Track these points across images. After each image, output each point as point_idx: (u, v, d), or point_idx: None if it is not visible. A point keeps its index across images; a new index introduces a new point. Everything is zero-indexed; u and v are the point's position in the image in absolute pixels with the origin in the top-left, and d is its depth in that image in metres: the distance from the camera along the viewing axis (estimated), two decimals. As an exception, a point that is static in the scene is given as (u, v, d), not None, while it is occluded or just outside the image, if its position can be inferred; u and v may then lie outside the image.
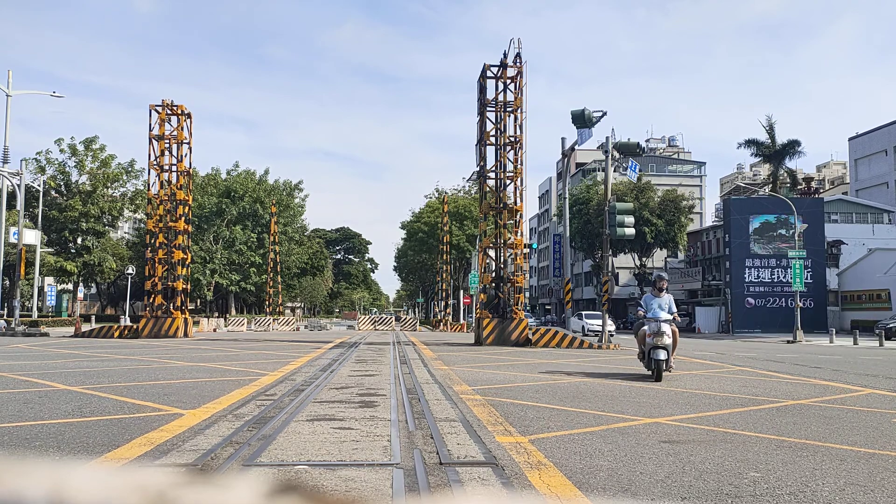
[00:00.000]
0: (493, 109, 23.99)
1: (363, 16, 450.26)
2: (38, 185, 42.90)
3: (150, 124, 28.61)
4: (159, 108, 28.67)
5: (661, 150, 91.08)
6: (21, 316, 34.46)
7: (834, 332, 34.11)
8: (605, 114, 23.34)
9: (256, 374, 10.99)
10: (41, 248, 42.17)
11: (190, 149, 29.42)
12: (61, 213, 52.27)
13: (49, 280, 57.37)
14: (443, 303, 56.35)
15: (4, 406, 7.26)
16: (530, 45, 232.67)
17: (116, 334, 27.32)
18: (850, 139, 65.66)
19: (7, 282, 48.78)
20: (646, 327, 10.89)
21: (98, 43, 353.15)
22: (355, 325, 47.55)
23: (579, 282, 76.34)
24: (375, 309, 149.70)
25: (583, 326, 37.78)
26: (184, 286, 29.04)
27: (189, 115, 29.34)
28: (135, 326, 28.24)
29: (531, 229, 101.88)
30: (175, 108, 28.99)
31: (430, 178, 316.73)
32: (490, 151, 24.08)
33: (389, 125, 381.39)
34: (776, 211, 47.96)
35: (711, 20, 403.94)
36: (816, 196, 60.92)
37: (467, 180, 70.96)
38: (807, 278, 43.32)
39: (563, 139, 27.61)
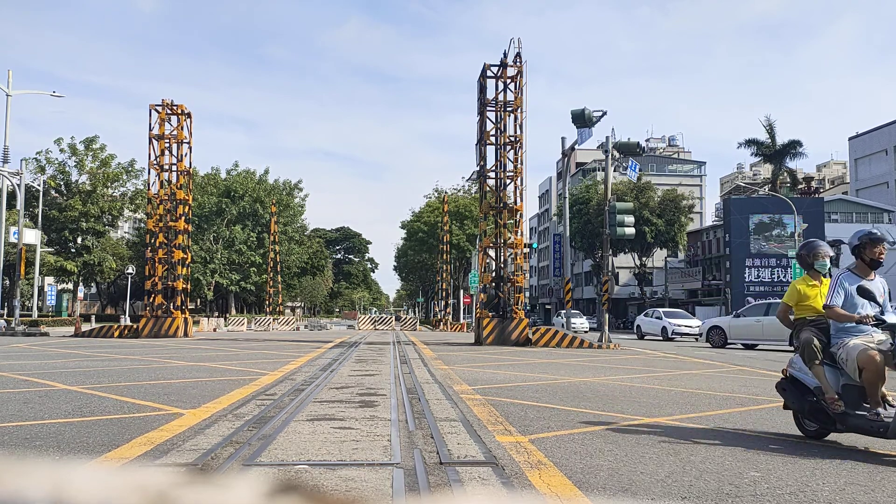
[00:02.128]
0: (493, 109, 23.99)
1: (363, 16, 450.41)
2: (38, 185, 42.90)
3: (150, 124, 28.61)
4: (159, 108, 28.67)
5: (661, 150, 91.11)
6: (21, 315, 34.46)
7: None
8: (605, 113, 23.37)
9: (256, 374, 10.98)
10: (41, 247, 42.18)
11: (190, 148, 29.43)
12: (61, 212, 52.28)
13: (49, 280, 57.39)
14: (443, 302, 56.36)
15: (4, 406, 7.26)
16: (530, 44, 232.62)
17: (116, 334, 27.32)
18: (850, 139, 65.66)
19: (7, 281, 48.79)
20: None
21: (98, 43, 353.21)
22: (355, 325, 47.54)
23: (579, 282, 76.36)
24: (375, 308, 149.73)
25: (664, 328, 30.65)
26: (184, 286, 29.03)
27: (189, 115, 29.34)
28: (135, 326, 28.24)
29: (531, 229, 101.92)
30: (175, 107, 28.99)
31: (429, 178, 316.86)
32: (490, 151, 24.10)
33: (389, 125, 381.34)
34: (775, 211, 47.98)
35: (711, 20, 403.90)
36: (816, 196, 60.95)
37: (467, 180, 70.95)
38: (807, 278, 43.23)
39: (563, 139, 27.64)
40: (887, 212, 57.66)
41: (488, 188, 24.12)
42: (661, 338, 30.52)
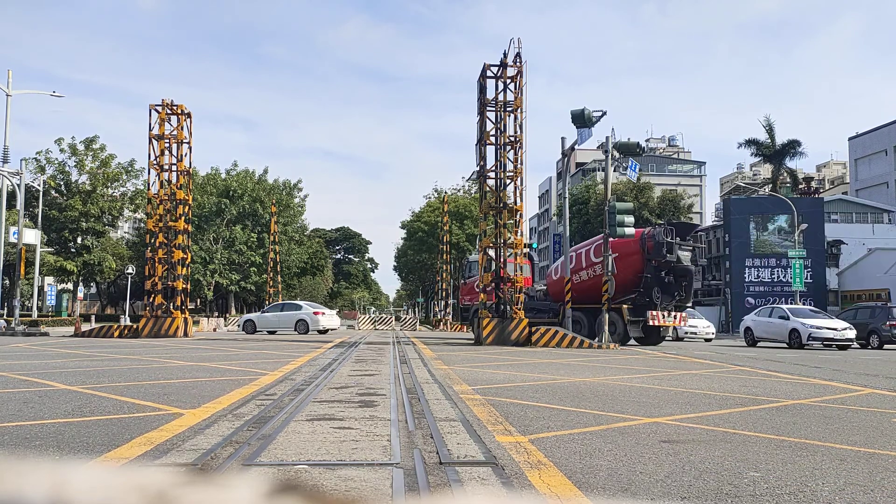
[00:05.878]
0: (493, 109, 23.98)
1: (363, 15, 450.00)
2: (38, 185, 42.91)
3: (150, 124, 28.60)
4: (159, 108, 28.66)
5: (661, 150, 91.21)
6: (21, 315, 34.45)
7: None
8: (604, 113, 23.36)
9: (256, 374, 10.98)
10: (41, 247, 42.18)
11: (190, 148, 29.41)
12: (61, 212, 52.30)
13: (49, 280, 57.44)
14: (443, 302, 56.33)
15: (4, 406, 7.26)
16: (530, 44, 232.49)
17: (116, 334, 27.32)
18: (850, 139, 65.71)
19: (7, 281, 48.81)
20: None
21: (97, 42, 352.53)
22: (355, 325, 47.59)
23: (579, 281, 76.30)
24: (375, 308, 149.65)
25: (794, 331, 24.43)
26: (184, 286, 29.03)
27: (189, 115, 29.33)
28: (135, 326, 28.24)
29: (531, 229, 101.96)
30: (175, 107, 28.97)
31: (429, 177, 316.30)
32: (490, 151, 24.09)
33: (389, 125, 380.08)
34: (775, 211, 47.96)
35: (711, 20, 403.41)
36: (816, 196, 60.95)
37: (467, 180, 71.01)
38: (807, 278, 43.37)
39: (563, 139, 27.59)
40: (887, 212, 57.67)
41: (488, 188, 24.12)
42: (785, 344, 24.96)
